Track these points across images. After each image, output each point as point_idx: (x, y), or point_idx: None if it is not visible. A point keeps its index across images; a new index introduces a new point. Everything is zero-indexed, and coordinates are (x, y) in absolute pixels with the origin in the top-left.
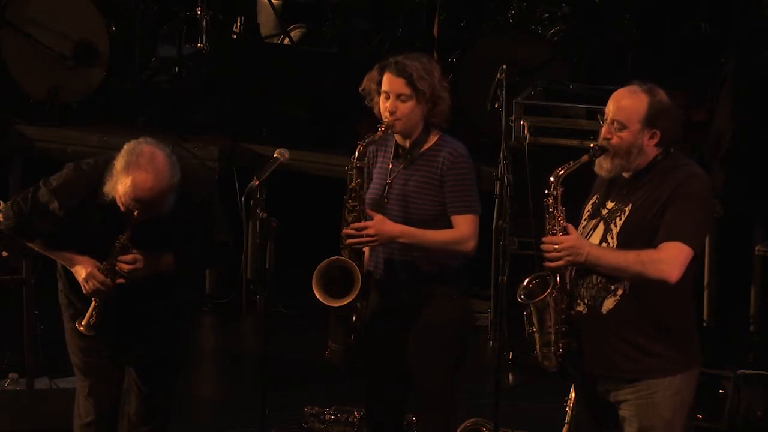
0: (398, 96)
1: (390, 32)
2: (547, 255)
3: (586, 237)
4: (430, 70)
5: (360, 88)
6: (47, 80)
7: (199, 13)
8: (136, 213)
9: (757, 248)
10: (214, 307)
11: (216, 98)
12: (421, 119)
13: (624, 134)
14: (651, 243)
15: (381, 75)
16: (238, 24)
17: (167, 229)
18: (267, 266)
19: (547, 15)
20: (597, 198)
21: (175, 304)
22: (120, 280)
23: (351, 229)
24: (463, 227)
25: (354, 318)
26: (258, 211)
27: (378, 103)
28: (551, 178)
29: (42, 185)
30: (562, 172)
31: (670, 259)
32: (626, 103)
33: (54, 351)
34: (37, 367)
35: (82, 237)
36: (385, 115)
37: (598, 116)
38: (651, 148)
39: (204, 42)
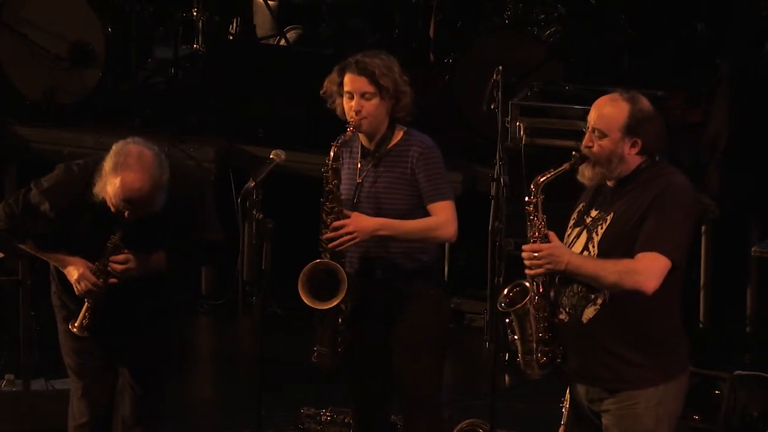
0: (362, 95)
1: (386, 33)
2: (527, 263)
3: (569, 245)
4: (390, 66)
5: (321, 92)
6: (43, 81)
7: (195, 14)
8: (126, 213)
9: (753, 249)
10: (210, 308)
11: (212, 99)
12: (386, 116)
13: (604, 142)
14: (630, 252)
15: (341, 76)
16: (234, 25)
17: (159, 228)
18: (263, 267)
19: (543, 16)
20: (583, 206)
21: (167, 304)
22: (113, 280)
23: (330, 230)
24: (441, 214)
25: (340, 320)
26: (254, 212)
27: (340, 104)
28: (531, 186)
29: (33, 187)
30: (542, 179)
31: (645, 270)
32: (606, 111)
33: (50, 352)
34: (33, 368)
35: (74, 238)
36: (351, 115)
37: (582, 124)
38: (633, 157)
39: (200, 43)
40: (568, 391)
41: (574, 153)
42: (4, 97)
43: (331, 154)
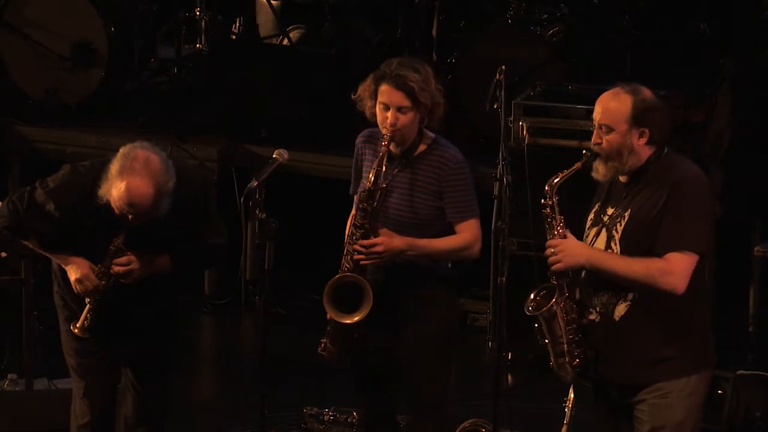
0: (399, 108)
1: (389, 33)
2: (550, 260)
3: (590, 245)
4: (427, 80)
5: (354, 95)
6: (46, 81)
7: (198, 13)
8: (130, 217)
9: (755, 249)
10: (213, 307)
11: (215, 99)
12: (418, 125)
13: (612, 137)
14: (652, 248)
15: (377, 84)
16: (237, 25)
17: (163, 231)
18: (266, 267)
19: (546, 16)
20: (598, 205)
21: (170, 305)
22: (122, 280)
23: (359, 245)
24: (467, 233)
25: (356, 335)
26: (257, 211)
27: (371, 107)
28: (546, 188)
29: (38, 186)
30: (556, 181)
31: (678, 271)
32: (610, 106)
33: (53, 352)
34: (35, 368)
35: (78, 238)
36: (385, 125)
37: (590, 123)
38: (642, 148)
39: (203, 43)
40: (571, 391)
41: (584, 152)
42: (7, 97)
43: (372, 176)
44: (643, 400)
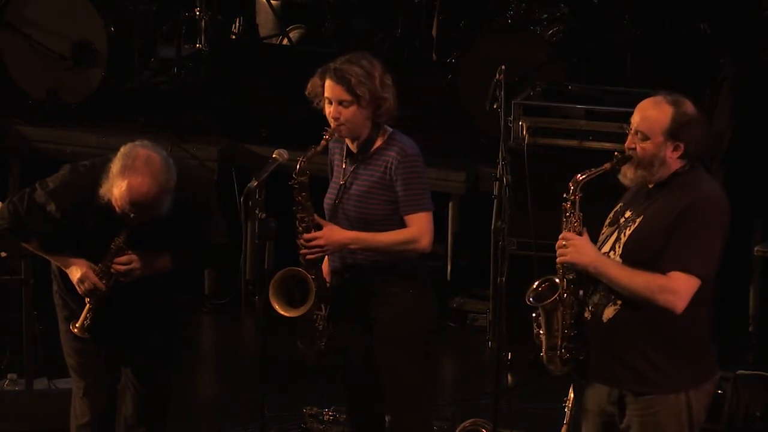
0: (340, 102)
1: (389, 33)
2: (558, 251)
3: (602, 243)
4: (370, 74)
5: (306, 92)
6: (46, 81)
7: (198, 13)
8: (131, 216)
9: (755, 249)
10: (213, 307)
11: (215, 99)
12: (367, 120)
13: (647, 145)
14: (652, 258)
15: (323, 80)
16: (237, 24)
17: (164, 230)
18: (266, 267)
19: (545, 15)
20: (620, 206)
21: (170, 304)
22: (123, 279)
23: (302, 240)
24: (415, 226)
25: (319, 325)
26: (257, 211)
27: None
28: (570, 184)
29: (38, 187)
30: (582, 178)
31: (679, 291)
32: (650, 114)
33: (53, 351)
34: (35, 368)
35: (79, 238)
36: (330, 121)
37: (624, 125)
38: (674, 161)
39: (203, 42)
40: (571, 391)
41: (616, 153)
42: (7, 97)
43: (297, 168)
44: (631, 415)
